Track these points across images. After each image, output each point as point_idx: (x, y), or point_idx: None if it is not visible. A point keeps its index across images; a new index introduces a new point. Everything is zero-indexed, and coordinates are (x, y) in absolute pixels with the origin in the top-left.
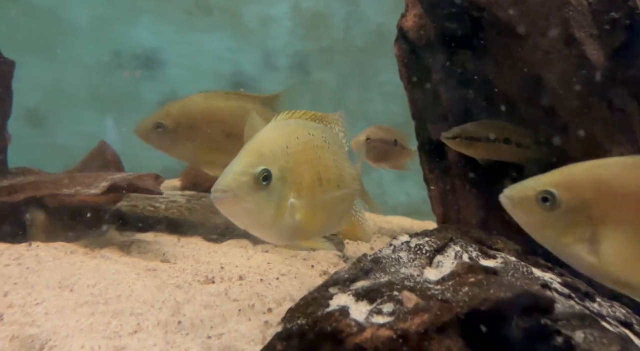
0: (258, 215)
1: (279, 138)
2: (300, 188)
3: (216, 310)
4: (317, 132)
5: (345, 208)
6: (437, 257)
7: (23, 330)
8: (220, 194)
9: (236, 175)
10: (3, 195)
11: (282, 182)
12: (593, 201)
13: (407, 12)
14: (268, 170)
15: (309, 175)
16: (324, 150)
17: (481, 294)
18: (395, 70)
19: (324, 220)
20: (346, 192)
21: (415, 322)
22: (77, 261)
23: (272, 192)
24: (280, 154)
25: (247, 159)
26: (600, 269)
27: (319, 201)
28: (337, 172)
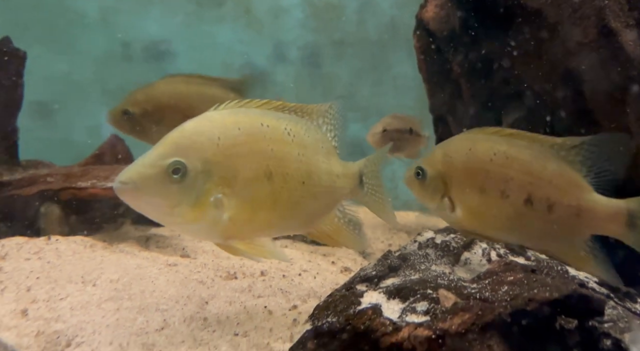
0: (168, 209)
1: (210, 128)
2: (234, 183)
3: (241, 306)
4: (276, 123)
5: (317, 208)
6: (464, 253)
7: (48, 326)
8: (121, 185)
9: (142, 166)
10: (15, 188)
11: (205, 175)
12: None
13: (427, 3)
14: (180, 162)
15: (250, 169)
16: (281, 143)
17: (524, 293)
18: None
19: (271, 219)
20: (318, 190)
21: (455, 322)
22: (97, 255)
23: (187, 185)
24: (207, 146)
25: (161, 150)
26: (460, 224)
27: (259, 197)
28: (301, 167)
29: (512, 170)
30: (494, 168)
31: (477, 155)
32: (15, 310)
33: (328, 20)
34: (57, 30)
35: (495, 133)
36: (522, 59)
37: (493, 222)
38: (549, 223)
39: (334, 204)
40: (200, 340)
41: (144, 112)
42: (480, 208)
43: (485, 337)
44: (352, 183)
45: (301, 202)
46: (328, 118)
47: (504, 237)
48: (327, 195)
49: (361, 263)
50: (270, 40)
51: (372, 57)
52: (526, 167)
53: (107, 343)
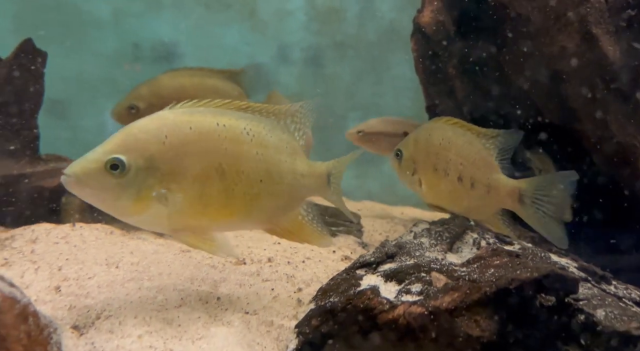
0: (110, 202)
1: (159, 127)
2: (181, 180)
3: (250, 289)
4: (235, 123)
5: (277, 206)
6: (456, 242)
7: (79, 301)
8: (66, 178)
9: (86, 161)
10: (38, 180)
11: (148, 171)
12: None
13: (424, 8)
14: (119, 158)
15: (199, 166)
16: (237, 142)
17: (507, 274)
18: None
19: (223, 215)
20: (277, 188)
21: (445, 300)
22: (118, 241)
23: (128, 180)
24: (153, 142)
25: (106, 146)
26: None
27: (209, 194)
28: (259, 165)
29: (451, 153)
30: (440, 151)
31: (431, 140)
32: (49, 287)
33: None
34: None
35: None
36: (511, 61)
37: (443, 196)
38: (472, 198)
39: (296, 202)
40: (215, 316)
41: (150, 106)
42: (434, 184)
43: (473, 313)
44: (318, 183)
45: (258, 199)
46: (297, 118)
47: (451, 208)
48: (288, 194)
49: (360, 252)
50: (275, 42)
51: (372, 58)
52: (459, 150)
53: (132, 317)
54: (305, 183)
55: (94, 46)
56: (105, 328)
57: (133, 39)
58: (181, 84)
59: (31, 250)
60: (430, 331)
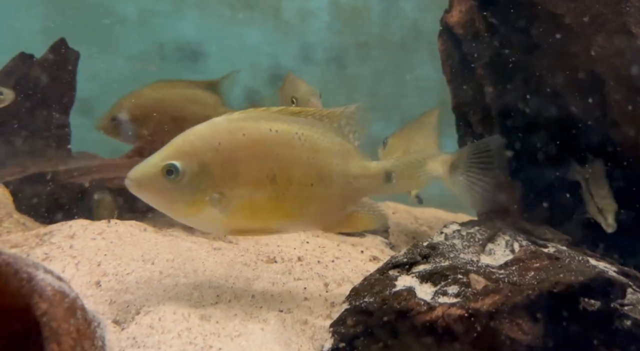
0: (168, 205)
1: (212, 133)
2: (235, 186)
3: (283, 287)
4: (287, 128)
5: (329, 208)
6: (489, 244)
7: (119, 296)
8: (128, 181)
9: (146, 166)
10: (71, 177)
11: (202, 177)
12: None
13: (452, 8)
14: (173, 164)
15: (252, 173)
16: (289, 147)
17: (550, 277)
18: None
19: (274, 219)
20: (328, 192)
21: (486, 302)
22: (152, 238)
23: (183, 185)
24: (206, 149)
25: (164, 152)
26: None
27: (260, 198)
28: (310, 170)
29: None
30: None
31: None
32: (90, 282)
33: (353, 23)
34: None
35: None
36: (544, 62)
37: None
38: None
39: (350, 203)
40: (251, 314)
41: (132, 117)
42: None
43: (514, 316)
44: (374, 183)
45: (309, 203)
46: (353, 120)
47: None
48: (339, 196)
49: (388, 253)
50: (297, 42)
51: (395, 58)
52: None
53: (171, 313)
54: (358, 185)
55: (120, 46)
56: (146, 324)
57: (158, 39)
58: (162, 95)
59: (70, 245)
60: (470, 333)
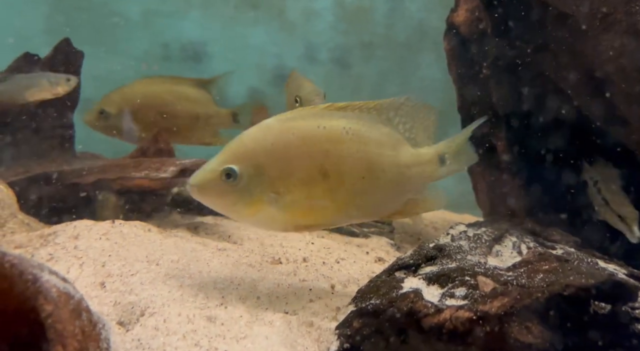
0: (228, 207)
1: (265, 135)
2: (289, 184)
3: (288, 288)
4: (335, 123)
5: (384, 198)
6: (495, 246)
7: (123, 297)
8: (190, 187)
9: (204, 171)
10: (75, 177)
11: (258, 178)
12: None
13: (458, 8)
14: (232, 168)
15: (305, 169)
16: (338, 143)
17: (560, 280)
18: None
19: (329, 213)
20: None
21: (494, 305)
22: (156, 239)
23: (241, 187)
24: (260, 151)
25: (220, 157)
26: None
27: (315, 195)
28: (361, 163)
29: None
30: None
31: None
32: (94, 283)
33: (358, 23)
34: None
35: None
36: (552, 61)
37: None
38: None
39: (406, 192)
40: (256, 316)
41: (120, 112)
42: None
43: (524, 319)
44: (428, 169)
45: (362, 195)
46: (403, 111)
47: None
48: (393, 187)
49: (394, 254)
50: (302, 42)
51: (400, 58)
52: None
53: (176, 314)
54: (411, 174)
55: (124, 46)
56: (151, 325)
57: (162, 39)
58: (152, 90)
59: (74, 246)
60: (478, 337)
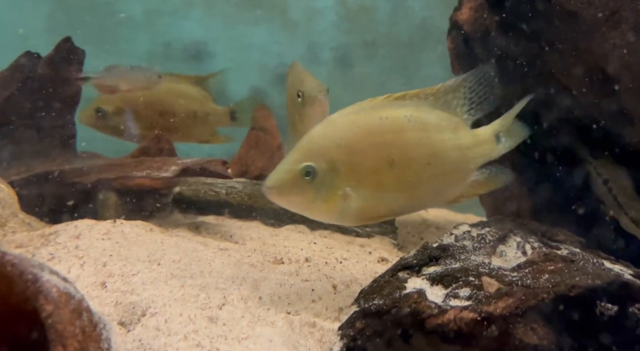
0: (306, 205)
1: (333, 131)
2: (360, 176)
3: (290, 289)
4: (395, 113)
5: (449, 182)
6: (499, 246)
7: (124, 297)
8: (267, 190)
9: (281, 172)
10: (76, 176)
11: (332, 173)
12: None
13: (462, 6)
14: (310, 165)
15: (372, 161)
16: (401, 131)
17: (566, 280)
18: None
19: (398, 202)
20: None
21: (499, 305)
22: (158, 238)
23: (318, 184)
24: (331, 147)
25: (294, 156)
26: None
27: (384, 185)
28: (424, 149)
29: None
30: None
31: None
32: (95, 283)
33: (360, 22)
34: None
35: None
36: (557, 60)
37: None
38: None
39: (468, 174)
40: (258, 316)
41: (117, 110)
42: None
43: (529, 320)
44: (487, 149)
45: (430, 181)
46: (460, 93)
47: None
48: (457, 169)
49: (396, 254)
50: (304, 41)
51: (403, 57)
52: None
53: (178, 315)
54: (473, 155)
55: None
56: (152, 325)
57: (164, 38)
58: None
59: (75, 245)
60: (483, 338)
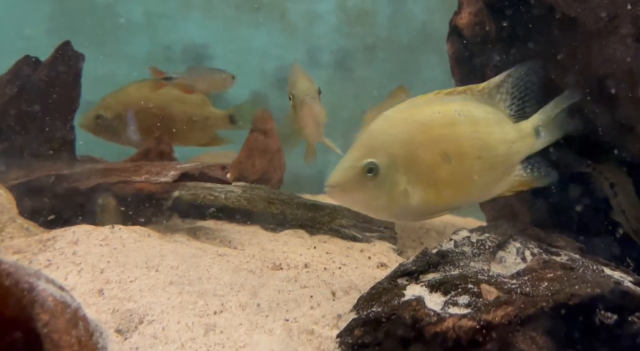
0: (369, 203)
1: (391, 127)
2: (418, 171)
3: (289, 295)
4: (446, 108)
5: (497, 176)
6: (499, 252)
7: (122, 304)
8: (330, 188)
9: (344, 170)
10: (75, 181)
11: (393, 169)
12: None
13: (461, 10)
14: (373, 162)
15: (429, 155)
16: (453, 126)
17: (565, 289)
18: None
19: (453, 197)
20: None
21: (498, 314)
22: (156, 244)
23: (380, 180)
24: (391, 143)
25: (356, 153)
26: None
27: (441, 179)
28: (476, 143)
29: None
30: None
31: None
32: (92, 290)
33: (360, 26)
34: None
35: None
36: (557, 66)
37: None
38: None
39: (513, 168)
40: (256, 323)
41: (117, 115)
42: None
43: (528, 329)
44: (528, 142)
45: (481, 175)
46: (504, 88)
47: None
48: (504, 163)
49: (395, 259)
50: (304, 45)
51: (403, 61)
52: None
53: (175, 322)
54: (517, 148)
55: (126, 48)
56: (149, 333)
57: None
58: (147, 93)
59: (73, 251)
60: (482, 346)
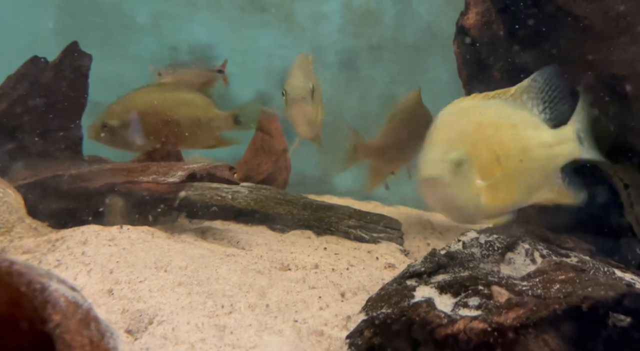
0: (457, 198)
1: (456, 123)
2: (482, 170)
3: (297, 296)
4: (488, 110)
5: (535, 182)
6: (508, 254)
7: (132, 305)
8: (430, 180)
9: (437, 162)
10: (83, 181)
11: (469, 165)
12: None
13: (468, 10)
14: (461, 156)
15: (486, 155)
16: (498, 128)
17: (578, 291)
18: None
19: (508, 198)
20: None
21: (510, 316)
22: (164, 244)
23: (465, 175)
24: (462, 138)
25: (438, 147)
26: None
27: (498, 180)
28: (517, 146)
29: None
30: None
31: None
32: (102, 290)
33: (366, 26)
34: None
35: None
36: (566, 66)
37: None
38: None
39: (552, 174)
40: (266, 324)
41: (123, 123)
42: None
43: (540, 331)
44: (569, 147)
45: (525, 178)
46: (532, 93)
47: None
48: (543, 168)
49: (403, 260)
50: (310, 45)
51: (409, 61)
52: None
53: (185, 323)
54: (555, 153)
55: (132, 49)
56: (159, 334)
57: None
58: (152, 99)
59: (82, 251)
60: (493, 348)
